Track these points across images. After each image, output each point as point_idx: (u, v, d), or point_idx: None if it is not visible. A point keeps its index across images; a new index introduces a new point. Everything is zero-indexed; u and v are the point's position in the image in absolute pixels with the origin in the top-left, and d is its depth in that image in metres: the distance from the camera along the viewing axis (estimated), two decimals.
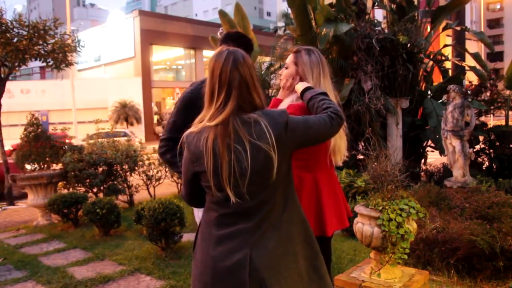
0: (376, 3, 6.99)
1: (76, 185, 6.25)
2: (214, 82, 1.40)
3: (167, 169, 7.33)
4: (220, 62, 1.40)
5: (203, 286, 1.42)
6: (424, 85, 7.05)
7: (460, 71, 7.44)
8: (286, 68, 2.04)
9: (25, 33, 6.94)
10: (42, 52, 7.23)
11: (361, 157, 6.17)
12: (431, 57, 6.95)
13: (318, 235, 1.91)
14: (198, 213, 1.97)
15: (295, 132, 1.43)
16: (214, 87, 1.40)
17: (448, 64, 7.72)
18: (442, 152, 5.61)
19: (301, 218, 1.53)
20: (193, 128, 1.44)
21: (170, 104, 30.85)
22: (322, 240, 1.96)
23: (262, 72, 7.93)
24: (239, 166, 1.34)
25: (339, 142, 1.98)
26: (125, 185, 6.71)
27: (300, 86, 1.87)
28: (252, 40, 2.19)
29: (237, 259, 1.35)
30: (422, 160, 6.90)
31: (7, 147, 7.11)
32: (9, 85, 9.95)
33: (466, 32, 7.74)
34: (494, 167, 6.16)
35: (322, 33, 5.84)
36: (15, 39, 6.93)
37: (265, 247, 1.37)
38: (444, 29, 7.48)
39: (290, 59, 2.04)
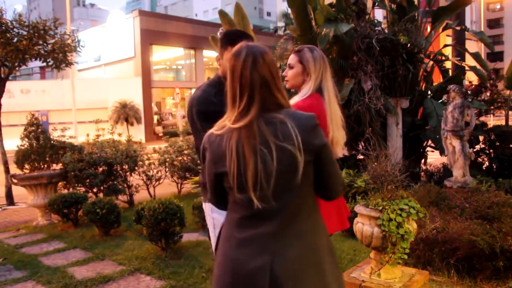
0: (376, 3, 6.99)
1: (76, 185, 6.25)
2: (235, 85, 1.36)
3: (167, 169, 7.33)
4: (239, 63, 1.35)
5: None
6: (424, 85, 7.05)
7: (460, 71, 7.43)
8: (291, 68, 2.07)
9: (25, 33, 6.94)
10: (42, 52, 7.23)
11: (361, 157, 6.18)
12: (431, 57, 6.94)
13: None
14: (211, 213, 1.95)
15: (321, 145, 1.36)
16: (236, 90, 1.35)
17: (448, 64, 7.72)
18: (442, 152, 5.61)
19: (324, 229, 1.49)
20: (215, 130, 1.39)
21: (170, 104, 30.85)
22: None
23: None
24: (265, 168, 1.30)
25: (337, 134, 2.01)
26: (125, 185, 6.71)
27: None
28: (252, 37, 2.17)
29: (258, 264, 1.31)
30: (422, 160, 6.90)
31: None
32: (9, 85, 9.95)
33: (466, 32, 7.74)
34: (494, 167, 6.16)
35: (322, 33, 5.84)
36: (15, 39, 6.92)
37: (287, 255, 1.32)
38: (444, 29, 7.48)
39: (293, 59, 2.08)
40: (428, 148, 6.93)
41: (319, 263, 1.38)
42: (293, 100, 2.03)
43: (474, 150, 6.01)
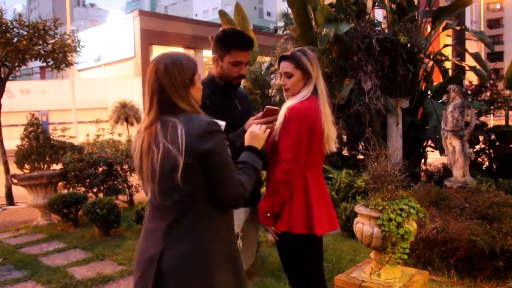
0: (376, 3, 6.99)
1: (76, 185, 6.24)
2: (144, 90, 1.53)
3: None
4: (148, 70, 1.51)
5: (134, 272, 1.54)
6: (424, 85, 7.06)
7: (460, 71, 7.44)
8: (289, 77, 2.04)
9: (25, 33, 6.93)
10: (42, 52, 7.22)
11: (361, 157, 6.18)
12: (431, 57, 6.95)
13: (306, 233, 1.95)
14: (237, 215, 1.94)
15: (211, 152, 1.41)
16: (145, 95, 1.52)
17: (448, 64, 7.72)
18: (442, 152, 5.61)
19: (226, 233, 1.53)
20: (137, 130, 1.56)
21: None
22: (311, 239, 1.99)
23: (262, 72, 7.93)
24: (152, 166, 1.44)
25: (331, 131, 2.05)
26: (125, 185, 6.70)
27: (249, 139, 1.79)
28: (250, 36, 2.15)
29: (149, 255, 1.43)
30: (422, 160, 6.90)
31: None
32: (9, 85, 9.94)
33: (466, 32, 7.74)
34: (494, 167, 6.16)
35: (322, 33, 5.84)
36: (15, 39, 6.92)
37: (175, 251, 1.41)
38: (444, 29, 7.48)
39: (289, 66, 2.04)
40: (428, 148, 6.93)
41: (208, 264, 1.43)
42: (289, 103, 2.01)
43: (474, 150, 6.02)
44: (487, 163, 6.29)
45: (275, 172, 1.93)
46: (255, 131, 1.77)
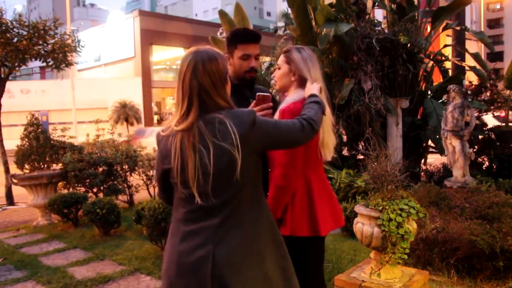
0: (376, 3, 6.99)
1: (76, 185, 6.24)
2: (178, 89, 1.46)
3: None
4: (182, 68, 1.45)
5: (168, 281, 1.46)
6: (424, 85, 7.05)
7: (460, 71, 7.43)
8: (279, 69, 2.06)
9: (25, 33, 6.94)
10: (42, 52, 7.22)
11: (361, 157, 6.18)
12: (431, 57, 6.94)
13: (311, 235, 1.93)
14: None
15: (262, 132, 1.46)
16: (179, 94, 1.45)
17: (448, 64, 7.71)
18: (442, 152, 5.60)
19: (268, 218, 1.56)
20: (162, 131, 1.49)
21: (170, 104, 30.84)
22: (315, 240, 1.97)
23: (262, 72, 7.93)
24: (203, 165, 1.38)
25: (327, 138, 1.98)
26: (125, 185, 6.70)
27: (308, 91, 1.88)
28: (255, 30, 2.26)
29: (200, 255, 1.39)
30: (422, 160, 6.89)
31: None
32: (9, 85, 9.94)
33: (466, 32, 7.74)
34: (494, 167, 6.15)
35: (322, 33, 5.84)
36: (15, 39, 6.92)
37: (228, 245, 1.40)
38: (444, 29, 7.48)
39: (281, 59, 2.07)
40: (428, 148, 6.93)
41: (259, 252, 1.45)
42: (285, 103, 1.98)
43: (474, 150, 6.01)
44: (487, 163, 6.29)
45: (273, 178, 1.90)
46: None
